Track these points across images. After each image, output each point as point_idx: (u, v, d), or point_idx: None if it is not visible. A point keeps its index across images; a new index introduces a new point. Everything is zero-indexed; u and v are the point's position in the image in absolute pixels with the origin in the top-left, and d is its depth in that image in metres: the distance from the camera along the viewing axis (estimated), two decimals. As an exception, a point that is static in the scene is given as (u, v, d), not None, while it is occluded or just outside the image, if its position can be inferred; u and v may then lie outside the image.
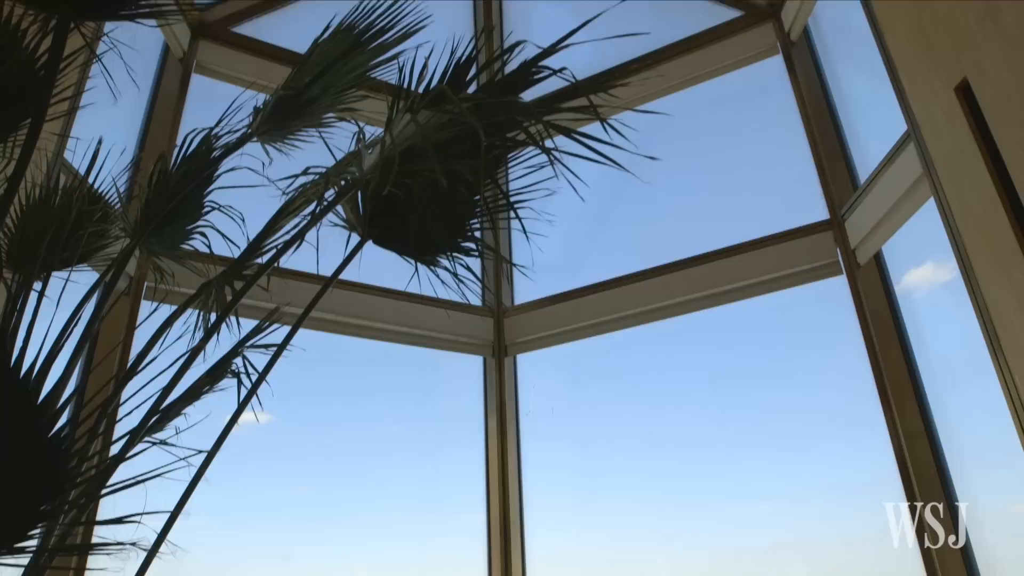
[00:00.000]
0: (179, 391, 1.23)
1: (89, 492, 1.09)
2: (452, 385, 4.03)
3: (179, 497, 1.19)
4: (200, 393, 1.57)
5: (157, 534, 1.11)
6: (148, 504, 1.17)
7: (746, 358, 3.72)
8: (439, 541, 3.76)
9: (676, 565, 3.79)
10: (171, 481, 1.30)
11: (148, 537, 1.09)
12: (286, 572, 3.69)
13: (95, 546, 1.05)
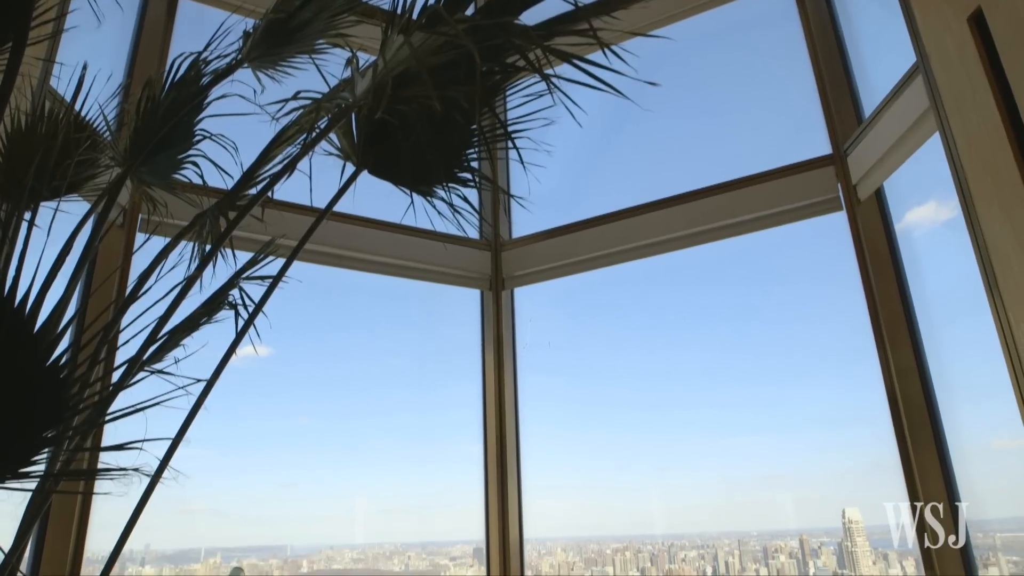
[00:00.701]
0: (176, 321, 1.23)
1: (91, 419, 1.10)
2: (450, 318, 4.06)
3: (180, 425, 1.21)
4: (198, 324, 1.57)
5: (159, 460, 1.14)
6: (149, 432, 1.19)
7: (742, 293, 3.74)
8: (437, 470, 3.87)
9: (669, 494, 3.91)
10: (171, 410, 1.32)
11: (150, 463, 1.12)
12: (289, 499, 3.80)
13: (99, 472, 1.07)
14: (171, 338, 1.47)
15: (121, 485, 1.06)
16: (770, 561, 4.04)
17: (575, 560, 4.29)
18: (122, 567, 3.84)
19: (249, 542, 3.95)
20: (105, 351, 1.10)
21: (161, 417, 1.33)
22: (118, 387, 1.08)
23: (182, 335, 1.51)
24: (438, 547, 4.22)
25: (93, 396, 1.03)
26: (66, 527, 2.44)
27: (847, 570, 3.94)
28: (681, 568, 3.99)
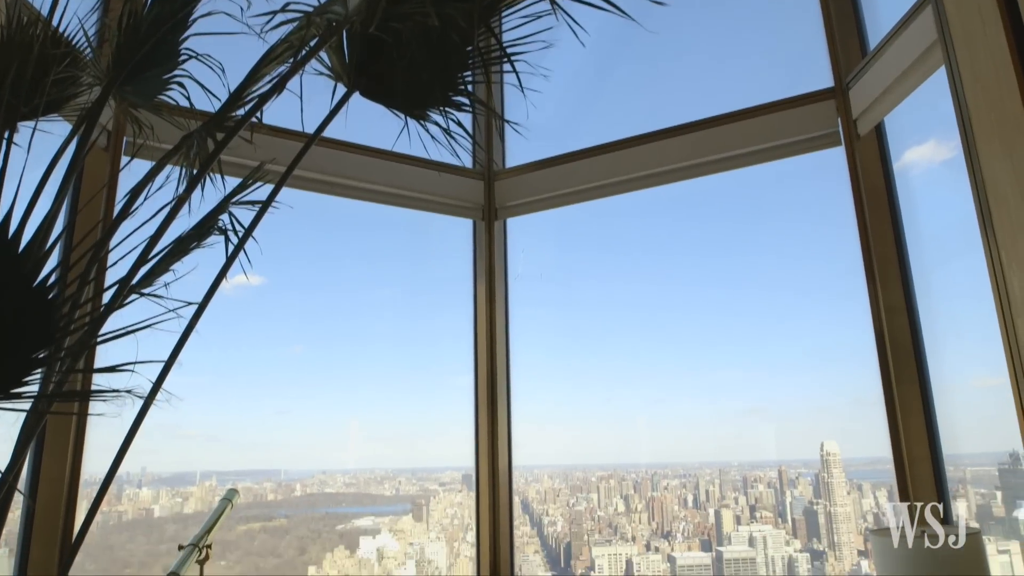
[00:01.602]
0: (165, 242, 1.21)
1: (83, 340, 1.10)
2: (442, 249, 4.05)
3: (172, 348, 1.20)
4: (188, 249, 1.55)
5: (152, 383, 1.14)
6: (141, 356, 1.18)
7: (735, 229, 3.73)
8: (428, 399, 3.93)
9: (654, 425, 4.00)
10: (163, 333, 1.31)
11: (143, 386, 1.12)
12: (282, 426, 3.87)
13: (92, 393, 1.07)
14: (161, 262, 1.45)
15: (114, 407, 1.07)
16: (749, 490, 4.18)
17: (561, 487, 4.42)
18: (119, 488, 3.94)
19: (244, 466, 4.04)
20: (95, 271, 1.09)
21: (153, 341, 1.33)
22: (109, 308, 1.07)
23: (172, 260, 1.49)
24: (428, 473, 4.33)
25: (84, 317, 1.02)
26: (62, 449, 2.47)
27: (822, 499, 4.10)
28: (663, 496, 4.12)
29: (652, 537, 4.05)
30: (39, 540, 2.40)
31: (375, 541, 3.98)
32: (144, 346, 1.23)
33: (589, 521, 4.15)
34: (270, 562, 3.94)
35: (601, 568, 3.98)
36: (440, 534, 4.11)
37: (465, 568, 3.85)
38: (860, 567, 3.89)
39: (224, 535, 3.83)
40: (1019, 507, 2.89)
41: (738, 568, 3.92)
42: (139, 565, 3.69)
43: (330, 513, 4.13)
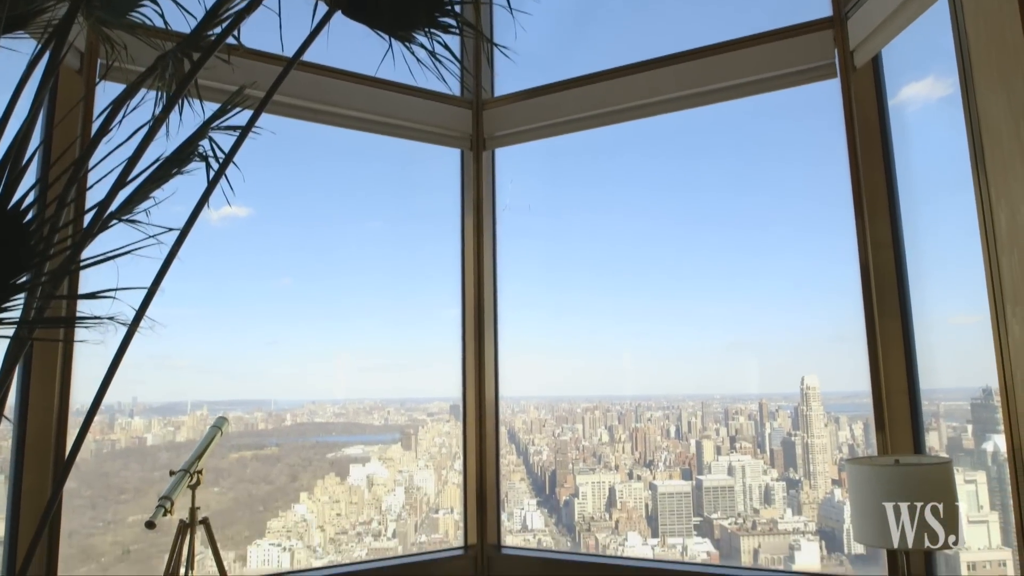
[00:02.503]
0: (144, 166, 1.18)
1: (64, 265, 1.08)
2: (430, 180, 3.99)
3: (154, 276, 1.19)
4: (168, 175, 1.51)
5: (135, 310, 1.13)
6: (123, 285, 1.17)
7: (726, 161, 3.69)
8: (416, 331, 3.95)
9: (639, 358, 4.06)
10: (146, 261, 1.29)
11: (126, 313, 1.10)
12: (272, 357, 3.89)
13: (75, 320, 1.05)
14: (141, 188, 1.41)
15: (98, 334, 1.06)
16: (730, 422, 4.29)
17: (547, 417, 4.52)
18: (111, 418, 3.98)
19: (234, 396, 4.08)
20: (74, 192, 1.05)
21: (135, 269, 1.31)
22: (89, 231, 1.05)
23: (152, 186, 1.45)
24: (416, 403, 4.40)
25: (65, 241, 0.99)
26: (49, 378, 2.48)
27: (800, 431, 4.21)
28: (647, 427, 4.22)
29: (635, 466, 4.17)
30: (31, 467, 2.43)
31: (365, 469, 4.07)
32: (126, 274, 1.21)
33: (574, 450, 4.26)
34: (262, 488, 4.04)
35: (585, 495, 4.10)
36: (428, 462, 4.21)
37: (453, 495, 3.96)
38: (833, 495, 4.04)
39: (217, 463, 3.91)
40: (988, 440, 2.98)
41: (717, 496, 4.06)
42: (134, 492, 3.77)
43: (320, 442, 4.21)
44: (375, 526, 3.96)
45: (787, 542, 3.94)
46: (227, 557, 2.86)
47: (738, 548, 3.88)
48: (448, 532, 3.90)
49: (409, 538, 3.93)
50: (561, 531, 4.09)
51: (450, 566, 3.25)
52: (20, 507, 2.40)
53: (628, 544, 3.87)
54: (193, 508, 2.27)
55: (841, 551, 3.83)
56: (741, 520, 4.00)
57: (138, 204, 1.43)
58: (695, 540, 3.94)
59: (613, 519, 4.03)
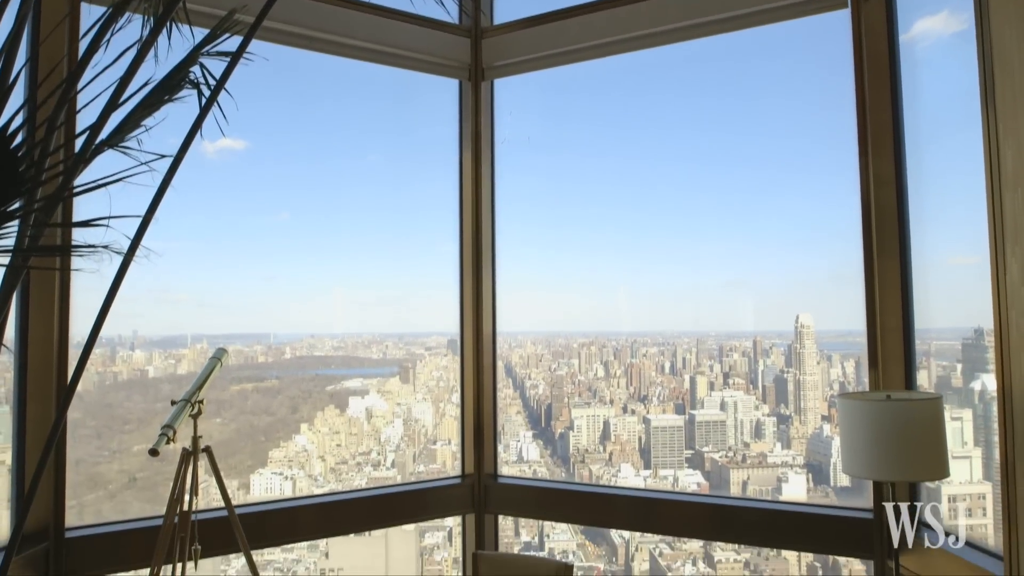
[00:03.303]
0: (134, 90, 1.14)
1: (57, 193, 1.06)
2: (428, 112, 3.90)
3: (148, 204, 1.17)
4: (159, 102, 1.47)
5: (131, 240, 1.11)
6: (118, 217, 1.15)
7: (729, 97, 3.61)
8: (414, 265, 3.95)
9: (635, 294, 4.07)
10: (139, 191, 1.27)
11: (120, 242, 1.09)
12: (271, 291, 3.90)
13: (69, 248, 1.04)
14: (132, 116, 1.38)
15: (93, 263, 1.05)
16: (724, 359, 4.34)
17: (543, 352, 4.57)
18: (113, 351, 4.01)
19: (234, 330, 4.10)
20: (64, 115, 1.02)
21: (129, 199, 1.28)
22: (81, 156, 1.02)
23: (143, 113, 1.41)
24: (414, 338, 4.44)
25: (57, 166, 0.97)
26: (48, 308, 2.48)
27: (793, 368, 4.28)
28: (642, 362, 4.28)
29: (629, 400, 4.25)
30: (34, 396, 2.46)
31: (364, 401, 4.14)
32: (119, 205, 1.19)
33: (569, 385, 4.33)
34: (264, 420, 4.11)
35: (580, 428, 4.19)
36: (426, 395, 4.27)
37: (450, 427, 4.04)
38: (822, 430, 4.13)
39: (218, 395, 3.97)
40: (976, 379, 3.03)
41: (709, 430, 4.15)
42: (137, 422, 3.84)
43: (320, 375, 4.26)
44: (374, 456, 4.06)
45: (775, 475, 4.05)
46: (231, 485, 2.94)
47: (728, 480, 3.99)
48: (446, 463, 4.00)
49: (408, 468, 4.03)
50: (556, 463, 4.20)
51: (448, 494, 3.34)
52: (25, 436, 2.44)
53: (621, 475, 3.97)
54: (195, 437, 2.31)
55: (827, 484, 3.94)
56: (732, 453, 4.10)
57: (129, 132, 1.39)
58: (686, 472, 4.05)
59: (607, 451, 4.13)
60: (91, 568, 2.65)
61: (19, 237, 1.09)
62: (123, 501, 3.46)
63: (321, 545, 3.94)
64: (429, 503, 3.33)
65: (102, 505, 3.42)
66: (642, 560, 4.15)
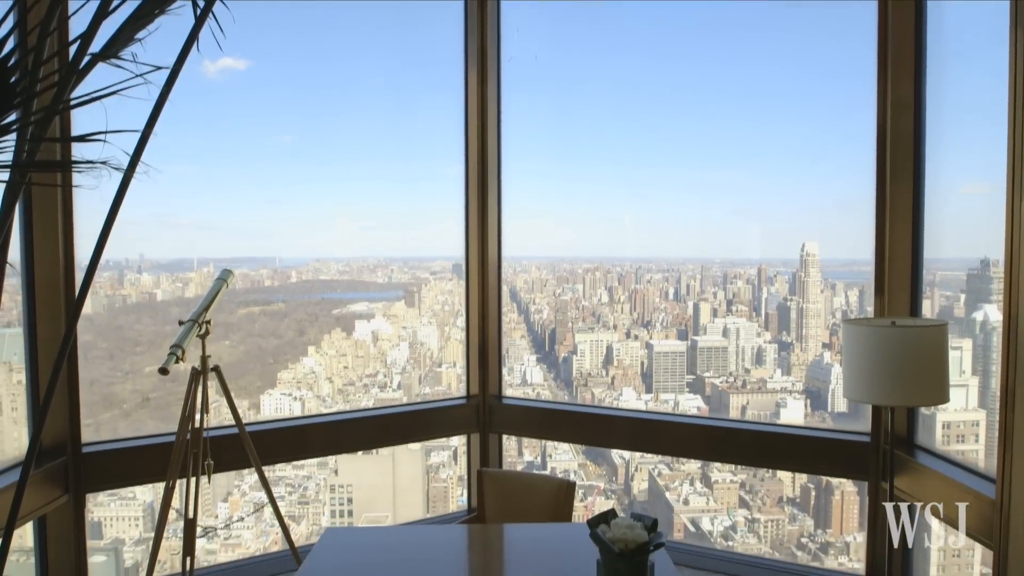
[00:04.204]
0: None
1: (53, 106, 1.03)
2: (432, 31, 3.76)
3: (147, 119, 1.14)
4: (151, 14, 1.41)
5: (130, 155, 1.09)
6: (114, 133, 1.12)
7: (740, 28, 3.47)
8: (419, 189, 3.90)
9: (641, 221, 4.04)
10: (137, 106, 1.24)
11: (118, 158, 1.07)
12: (275, 215, 3.88)
13: (67, 164, 1.02)
14: (124, 29, 1.33)
15: (92, 178, 1.03)
16: (728, 286, 4.34)
17: (548, 277, 4.57)
18: (120, 274, 4.03)
19: (239, 254, 4.11)
20: (56, 22, 0.98)
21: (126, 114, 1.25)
22: (74, 66, 0.99)
23: (135, 25, 1.36)
24: (419, 261, 4.44)
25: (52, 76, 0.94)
26: (51, 230, 2.47)
27: (796, 296, 4.28)
28: (646, 288, 4.29)
29: (632, 326, 4.28)
30: (44, 316, 2.48)
31: (370, 325, 4.18)
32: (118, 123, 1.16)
33: (574, 310, 4.35)
34: (271, 342, 4.17)
35: (583, 352, 4.24)
36: (431, 319, 4.31)
37: (455, 350, 4.09)
38: (822, 357, 4.18)
39: (226, 318, 4.01)
40: (978, 309, 3.03)
41: (710, 356, 4.19)
42: (148, 344, 3.90)
43: (326, 298, 4.29)
44: (381, 378, 4.13)
45: (774, 400, 4.12)
46: (241, 405, 3.01)
47: (727, 404, 4.07)
48: (451, 385, 4.07)
49: (413, 390, 4.11)
50: (559, 386, 4.27)
51: (453, 414, 3.41)
52: (37, 354, 2.48)
53: (623, 399, 4.05)
54: (204, 356, 2.34)
55: (825, 409, 4.01)
56: (732, 379, 4.16)
57: (122, 47, 1.34)
58: (687, 396, 4.12)
59: (609, 375, 4.19)
60: (109, 481, 2.75)
61: (16, 152, 1.07)
62: (138, 420, 3.55)
63: (330, 463, 4.06)
64: (435, 423, 3.41)
65: (118, 424, 3.52)
66: (641, 480, 4.28)
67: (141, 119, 1.23)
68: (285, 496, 3.99)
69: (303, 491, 4.07)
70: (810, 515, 4.07)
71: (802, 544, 4.02)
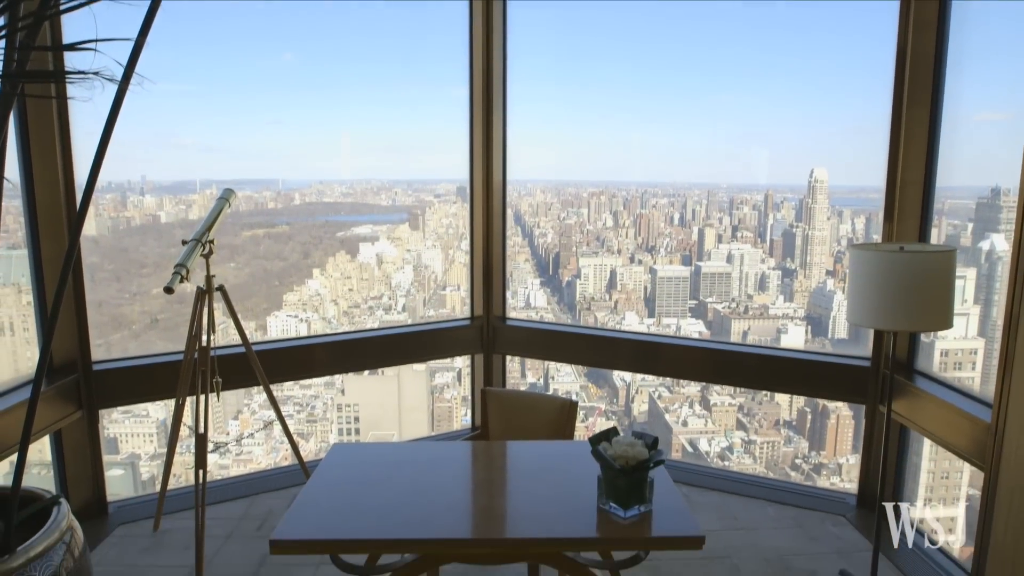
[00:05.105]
0: None
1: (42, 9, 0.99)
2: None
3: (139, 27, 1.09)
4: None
5: (124, 65, 1.05)
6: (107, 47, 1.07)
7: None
8: (422, 111, 3.82)
9: (648, 145, 3.97)
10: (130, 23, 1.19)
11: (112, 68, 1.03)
12: (277, 136, 3.82)
13: (58, 74, 0.99)
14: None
15: (85, 90, 1.00)
16: (734, 211, 4.30)
17: (553, 201, 4.53)
18: (123, 196, 3.99)
19: (242, 175, 4.07)
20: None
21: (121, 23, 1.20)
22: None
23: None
24: (423, 184, 4.40)
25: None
26: (49, 149, 2.43)
27: (802, 223, 4.24)
28: (651, 213, 4.25)
29: (637, 251, 4.27)
30: (47, 236, 2.47)
31: (374, 247, 4.18)
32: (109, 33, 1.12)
33: (578, 234, 4.33)
34: (276, 265, 4.18)
35: (587, 277, 4.25)
36: (436, 242, 4.30)
37: (459, 273, 4.10)
38: (825, 284, 4.18)
39: (230, 240, 4.00)
40: (985, 238, 3.00)
41: (713, 281, 4.20)
42: (154, 266, 3.91)
43: (330, 221, 4.27)
44: (385, 301, 4.16)
45: (775, 326, 4.15)
46: (248, 326, 3.04)
47: (728, 329, 4.10)
48: (455, 307, 4.10)
49: (418, 312, 4.14)
50: (562, 309, 4.30)
51: (457, 335, 3.44)
52: (43, 274, 2.49)
53: (625, 323, 4.08)
54: (208, 276, 2.35)
55: (825, 335, 4.05)
56: (734, 304, 4.18)
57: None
58: (689, 321, 4.15)
59: (612, 300, 4.21)
60: (120, 398, 2.81)
61: (7, 62, 1.03)
62: (147, 340, 3.61)
63: (337, 382, 4.15)
64: (439, 343, 3.45)
65: (128, 344, 3.58)
66: (641, 402, 4.37)
67: (134, 30, 1.19)
68: (293, 415, 4.10)
69: (311, 410, 4.17)
70: (805, 438, 4.18)
71: (796, 465, 4.15)
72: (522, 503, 1.74)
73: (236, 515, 2.69)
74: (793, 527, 2.58)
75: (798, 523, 2.61)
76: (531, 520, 1.62)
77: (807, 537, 2.50)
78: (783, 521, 2.63)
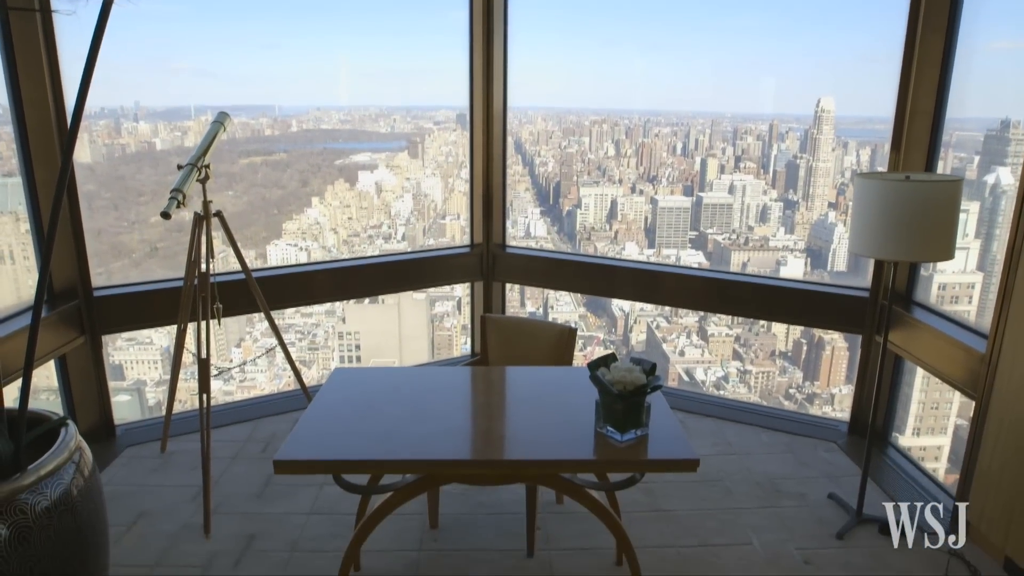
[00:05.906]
0: None
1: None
2: None
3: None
4: None
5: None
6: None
7: None
8: (421, 36, 3.70)
9: (651, 73, 3.87)
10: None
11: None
12: (273, 61, 3.71)
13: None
14: None
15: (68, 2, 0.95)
16: (737, 141, 4.23)
17: (554, 129, 4.45)
18: (117, 122, 3.91)
19: (238, 101, 3.98)
20: None
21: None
22: None
23: None
24: (422, 111, 4.31)
25: None
26: (37, 73, 2.36)
27: (807, 154, 4.18)
28: (654, 142, 4.18)
29: (638, 181, 4.22)
30: (39, 161, 2.43)
31: (373, 175, 4.13)
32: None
33: (579, 163, 4.27)
34: (275, 193, 4.14)
35: (587, 206, 4.22)
36: (435, 170, 4.25)
37: (459, 202, 4.06)
38: (827, 217, 4.15)
39: (228, 167, 3.95)
40: (992, 172, 2.96)
41: (714, 212, 4.17)
42: (151, 194, 3.87)
43: (328, 148, 4.20)
44: (385, 229, 4.14)
45: (775, 257, 4.15)
46: (248, 255, 3.03)
47: (728, 260, 4.10)
48: (455, 237, 4.08)
49: (418, 241, 4.13)
50: (562, 239, 4.29)
51: (457, 262, 3.43)
52: (38, 200, 2.46)
53: (625, 253, 4.07)
54: (206, 201, 2.32)
55: (824, 267, 4.05)
56: (735, 236, 4.16)
57: None
58: (689, 252, 4.15)
59: (613, 230, 4.19)
60: (122, 323, 2.83)
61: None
62: (147, 269, 3.61)
63: (338, 311, 4.17)
64: (439, 270, 3.45)
65: (128, 272, 3.58)
66: (639, 332, 4.41)
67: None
68: (295, 343, 4.14)
69: (312, 338, 4.21)
70: (800, 368, 4.24)
71: (790, 395, 4.23)
72: (521, 426, 1.78)
73: (241, 438, 2.76)
74: (785, 452, 2.65)
75: (790, 449, 2.67)
76: (530, 443, 1.65)
77: (798, 462, 2.57)
78: (776, 447, 2.69)
